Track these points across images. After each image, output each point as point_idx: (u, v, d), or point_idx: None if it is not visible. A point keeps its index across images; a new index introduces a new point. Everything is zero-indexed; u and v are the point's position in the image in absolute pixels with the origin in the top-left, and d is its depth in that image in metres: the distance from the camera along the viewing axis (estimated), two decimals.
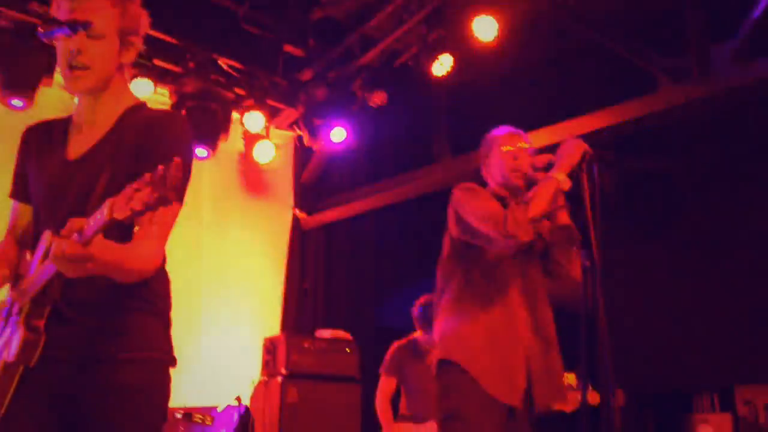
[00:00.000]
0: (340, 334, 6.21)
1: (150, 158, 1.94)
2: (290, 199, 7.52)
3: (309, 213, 7.51)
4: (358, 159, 7.35)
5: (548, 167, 2.84)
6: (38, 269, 1.97)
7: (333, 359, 5.98)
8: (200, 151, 6.30)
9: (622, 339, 7.45)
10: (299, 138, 7.30)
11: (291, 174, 7.55)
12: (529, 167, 2.96)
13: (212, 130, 6.38)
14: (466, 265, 2.94)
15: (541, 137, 5.70)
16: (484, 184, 3.16)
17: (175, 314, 2.19)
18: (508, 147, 3.08)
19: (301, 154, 7.55)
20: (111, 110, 2.17)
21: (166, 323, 2.15)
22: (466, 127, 6.79)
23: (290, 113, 7.05)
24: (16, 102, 5.46)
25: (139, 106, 2.23)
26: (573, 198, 2.81)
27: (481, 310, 2.86)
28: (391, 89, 6.51)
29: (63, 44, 2.06)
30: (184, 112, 6.30)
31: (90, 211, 1.77)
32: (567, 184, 2.74)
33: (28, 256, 2.19)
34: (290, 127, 7.31)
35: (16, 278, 2.14)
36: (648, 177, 7.54)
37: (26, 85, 5.43)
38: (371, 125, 6.95)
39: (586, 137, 5.37)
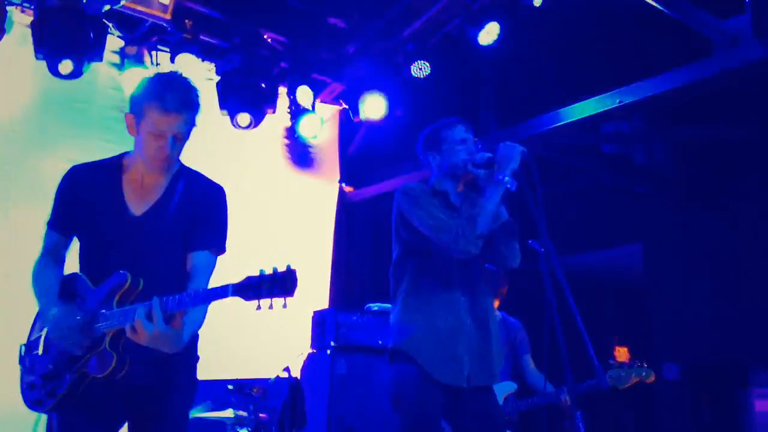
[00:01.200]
0: (389, 307, 6.22)
1: (206, 227, 2.63)
2: (336, 173, 7.52)
3: (355, 187, 7.50)
4: (404, 131, 7.29)
5: (487, 165, 3.04)
6: (118, 312, 2.35)
7: (382, 332, 5.99)
8: (243, 119, 6.31)
9: (678, 312, 7.36)
10: (344, 111, 7.27)
11: (336, 148, 7.54)
12: (469, 163, 3.15)
13: (258, 105, 6.39)
14: (414, 261, 3.16)
15: (591, 106, 5.58)
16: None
17: None
18: (455, 139, 3.25)
19: (347, 128, 7.52)
20: (164, 171, 2.62)
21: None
22: (513, 98, 6.69)
23: (335, 87, 7.02)
24: (64, 68, 5.45)
25: (187, 170, 2.73)
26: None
27: (426, 301, 3.09)
28: (436, 60, 6.43)
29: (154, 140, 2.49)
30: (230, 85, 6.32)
31: (152, 265, 2.48)
32: (514, 185, 2.93)
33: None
34: (335, 100, 7.29)
35: (68, 295, 2.53)
36: (703, 144, 7.35)
37: (75, 54, 5.44)
38: (417, 97, 6.89)
39: (637, 105, 5.31)
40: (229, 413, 4.46)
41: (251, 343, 6.29)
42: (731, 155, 7.12)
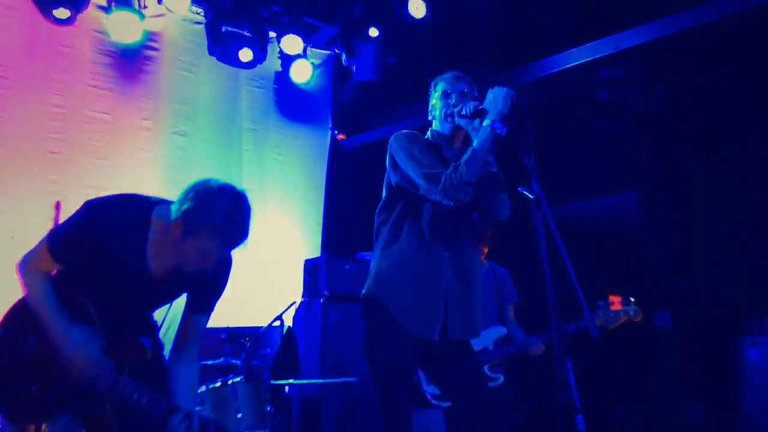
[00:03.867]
0: None
1: (211, 294, 2.83)
2: (328, 120, 7.41)
3: (348, 134, 7.40)
4: (398, 78, 7.17)
5: (476, 113, 2.96)
6: (147, 393, 2.52)
7: None
8: (245, 54, 6.23)
9: (671, 261, 7.36)
10: (337, 57, 7.13)
11: (329, 94, 7.42)
12: (456, 114, 3.07)
13: (258, 47, 6.27)
14: (399, 209, 3.11)
15: (588, 51, 5.48)
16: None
17: None
18: (446, 91, 3.20)
19: (339, 74, 7.38)
20: None
21: None
22: (508, 45, 6.56)
23: (327, 31, 6.86)
24: (62, 13, 5.41)
25: None
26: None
27: (405, 250, 3.03)
28: (432, 6, 6.28)
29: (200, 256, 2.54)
30: (219, 29, 6.19)
31: (146, 316, 2.78)
32: (503, 129, 2.86)
33: None
34: (327, 46, 7.14)
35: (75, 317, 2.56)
36: (701, 92, 7.25)
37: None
38: (412, 42, 6.75)
39: (635, 50, 5.20)
40: (221, 361, 4.46)
41: (243, 292, 6.28)
42: (729, 103, 7.03)
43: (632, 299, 4.35)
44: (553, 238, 2.45)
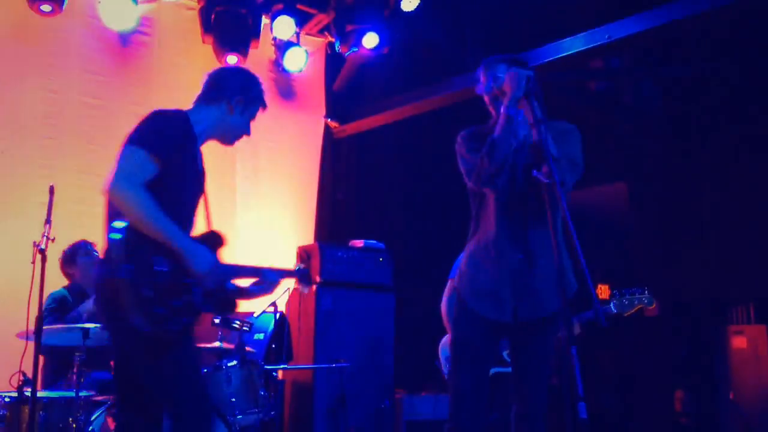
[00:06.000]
0: (374, 243, 6.24)
1: None
2: (322, 108, 7.41)
3: (341, 122, 7.41)
4: (391, 66, 7.18)
5: (496, 95, 3.07)
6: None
7: (367, 268, 6.02)
8: (230, 59, 6.22)
9: (659, 250, 7.43)
10: (330, 44, 7.14)
11: (322, 82, 7.42)
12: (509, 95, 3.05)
13: (242, 36, 6.26)
14: (474, 204, 3.26)
15: (580, 41, 5.52)
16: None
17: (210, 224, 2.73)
18: (495, 75, 3.18)
19: (333, 62, 7.38)
20: None
21: None
22: (501, 33, 6.58)
23: (321, 18, 6.87)
24: (46, 7, 5.42)
25: None
26: None
27: (477, 242, 3.19)
28: None
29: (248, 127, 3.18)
30: (212, 16, 6.19)
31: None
32: (519, 114, 2.95)
33: None
34: (321, 33, 7.14)
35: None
36: (691, 83, 7.30)
37: None
38: (404, 31, 6.76)
39: (627, 40, 5.24)
40: (215, 345, 4.49)
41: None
42: (719, 94, 7.08)
43: (646, 288, 4.39)
44: (566, 223, 2.47)
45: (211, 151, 2.96)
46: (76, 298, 4.59)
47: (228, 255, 3.00)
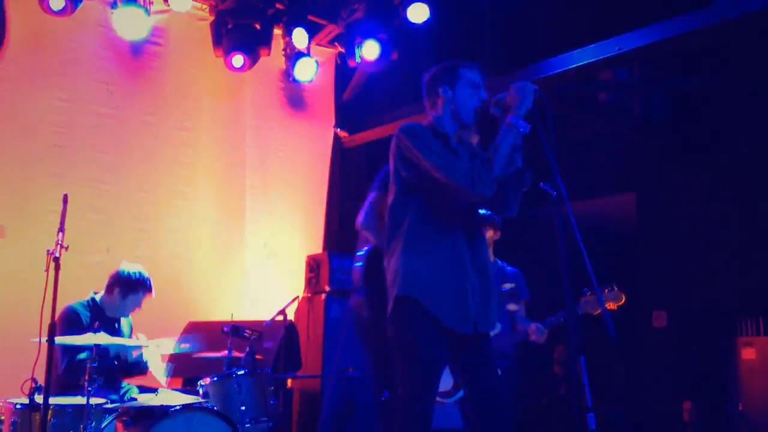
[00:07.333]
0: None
1: None
2: (331, 118, 7.45)
3: (350, 132, 7.45)
4: (401, 77, 7.21)
5: (505, 106, 2.96)
6: None
7: None
8: (236, 59, 6.25)
9: (668, 261, 7.41)
10: (340, 55, 7.18)
11: (332, 92, 7.46)
12: (492, 104, 3.04)
13: (252, 46, 6.30)
14: (416, 204, 3.05)
15: (590, 53, 5.53)
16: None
17: (220, 232, 2.37)
18: (473, 81, 3.13)
19: (343, 72, 7.42)
20: None
21: None
22: (511, 44, 6.60)
23: (331, 29, 6.91)
24: (55, 4, 5.42)
25: None
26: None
27: (431, 246, 3.01)
28: (435, 4, 6.32)
29: None
30: (223, 29, 6.23)
31: None
32: (527, 128, 2.87)
33: None
34: (331, 44, 7.19)
35: None
36: (699, 95, 7.31)
37: None
38: (414, 42, 6.79)
39: (637, 52, 5.26)
40: (225, 354, 4.51)
41: (246, 285, 6.33)
42: (727, 106, 7.09)
43: (615, 286, 4.38)
44: (574, 235, 2.48)
45: (220, 160, 2.89)
46: (95, 314, 4.50)
47: (238, 262, 2.98)
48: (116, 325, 4.52)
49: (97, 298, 4.51)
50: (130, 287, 4.46)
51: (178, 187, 6.21)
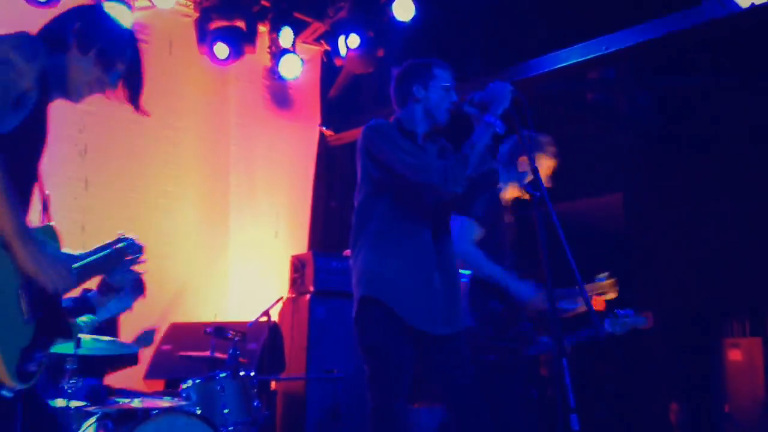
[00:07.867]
0: None
1: None
2: (317, 116, 7.39)
3: (336, 131, 7.39)
4: (387, 75, 7.16)
5: (482, 105, 2.94)
6: None
7: None
8: (221, 50, 6.16)
9: (655, 262, 7.41)
10: (326, 53, 7.12)
11: (317, 90, 7.39)
12: (466, 102, 3.02)
13: (237, 44, 6.24)
14: (384, 203, 3.04)
15: (577, 52, 5.51)
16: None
17: (204, 232, 2.31)
18: (446, 82, 3.15)
19: (328, 70, 7.36)
20: None
21: None
22: (498, 43, 6.58)
23: (317, 27, 6.85)
24: None
25: None
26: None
27: (397, 246, 3.00)
28: (421, 3, 6.29)
29: None
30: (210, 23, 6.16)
31: None
32: (502, 128, 2.89)
33: None
34: (317, 41, 7.13)
35: None
36: (687, 94, 7.31)
37: None
38: (400, 40, 6.75)
39: (625, 52, 5.24)
40: (207, 355, 4.45)
41: (230, 286, 6.26)
42: (715, 106, 7.09)
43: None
44: (557, 236, 2.46)
45: (204, 159, 2.85)
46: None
47: (222, 262, 2.92)
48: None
49: None
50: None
51: (163, 186, 6.13)
